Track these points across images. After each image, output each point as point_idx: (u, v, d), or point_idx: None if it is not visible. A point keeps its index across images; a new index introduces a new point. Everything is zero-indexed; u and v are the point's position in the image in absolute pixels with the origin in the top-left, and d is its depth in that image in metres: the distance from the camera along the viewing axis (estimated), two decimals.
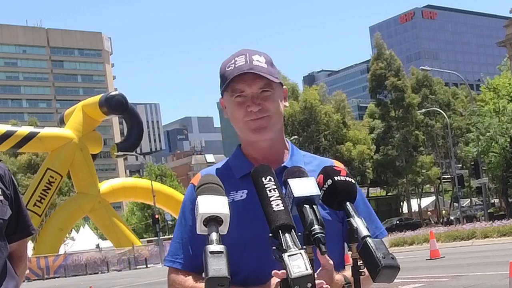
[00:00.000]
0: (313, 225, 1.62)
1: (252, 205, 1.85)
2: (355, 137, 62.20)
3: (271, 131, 1.95)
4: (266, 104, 1.92)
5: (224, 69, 1.96)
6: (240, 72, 1.89)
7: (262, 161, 1.94)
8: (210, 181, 1.70)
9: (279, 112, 1.97)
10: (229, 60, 1.97)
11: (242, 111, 1.93)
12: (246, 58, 1.93)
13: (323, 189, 1.77)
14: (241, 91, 1.92)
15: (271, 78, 1.91)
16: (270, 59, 1.99)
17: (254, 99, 1.91)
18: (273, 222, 1.62)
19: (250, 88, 1.91)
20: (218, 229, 1.57)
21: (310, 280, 1.48)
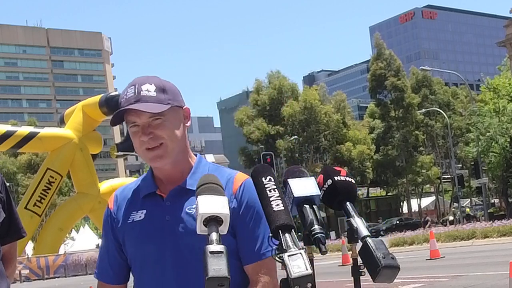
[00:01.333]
0: (313, 225, 1.62)
1: (148, 226, 1.99)
2: (355, 137, 62.22)
3: (169, 157, 1.98)
4: (157, 132, 1.95)
5: (120, 100, 2.01)
6: (127, 105, 1.93)
7: (166, 181, 2.04)
8: (210, 181, 1.70)
9: (175, 136, 1.98)
10: (124, 91, 2.01)
11: (137, 141, 1.97)
12: (135, 89, 1.96)
13: (323, 189, 1.77)
14: (133, 122, 1.96)
15: (154, 109, 1.92)
16: (161, 85, 1.99)
17: (144, 128, 1.95)
18: (273, 222, 1.62)
19: (140, 119, 1.94)
20: (218, 229, 1.57)
21: (310, 280, 1.48)
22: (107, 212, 2.14)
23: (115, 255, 2.10)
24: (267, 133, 59.12)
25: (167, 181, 2.04)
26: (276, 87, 61.27)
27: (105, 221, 2.15)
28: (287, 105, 59.38)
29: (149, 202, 2.03)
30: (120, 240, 2.07)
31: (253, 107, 62.12)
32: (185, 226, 1.96)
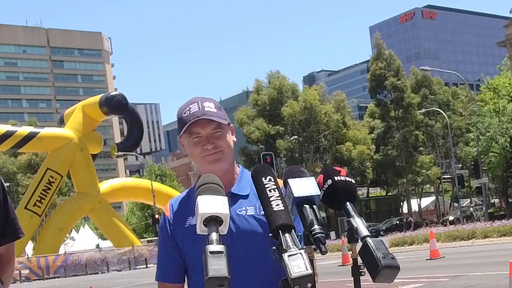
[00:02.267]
0: (313, 225, 1.62)
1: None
2: (355, 137, 62.20)
3: (225, 162, 2.32)
4: (218, 142, 2.31)
5: (181, 115, 2.35)
6: (195, 119, 2.28)
7: None
8: (210, 181, 1.71)
9: (230, 147, 2.36)
10: (184, 107, 2.35)
11: (199, 149, 2.31)
12: (198, 106, 2.31)
13: (323, 189, 1.77)
14: (197, 133, 2.30)
15: (220, 121, 2.31)
16: (218, 104, 2.38)
17: (208, 138, 2.30)
18: (273, 222, 1.62)
19: (204, 130, 2.30)
20: (218, 229, 1.57)
21: (310, 280, 1.48)
22: (163, 219, 2.46)
23: (176, 256, 2.35)
24: (267, 133, 59.10)
25: None
26: (276, 87, 61.25)
27: (163, 227, 2.45)
28: (287, 105, 59.36)
29: None
30: (178, 243, 2.35)
31: (253, 107, 62.10)
32: (238, 227, 2.20)
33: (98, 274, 38.39)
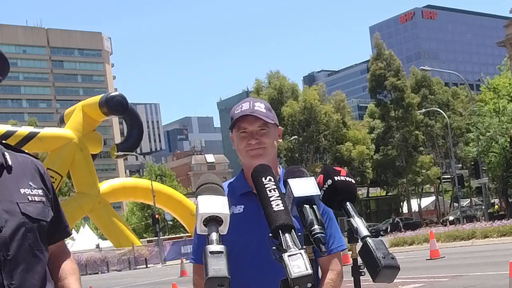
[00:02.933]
0: (313, 225, 1.62)
1: (247, 218, 2.43)
2: (355, 137, 62.18)
3: (266, 158, 2.46)
4: (262, 139, 2.49)
5: (233, 112, 2.56)
6: (243, 114, 2.49)
7: None
8: (210, 181, 1.70)
9: (273, 145, 2.55)
10: (237, 105, 2.58)
11: (244, 143, 2.49)
12: (250, 104, 2.53)
13: (323, 189, 1.77)
14: (244, 129, 2.50)
15: (267, 120, 2.50)
16: (268, 106, 2.58)
17: (253, 134, 2.49)
18: (273, 222, 1.62)
19: (251, 126, 2.49)
20: (218, 229, 1.57)
21: (310, 280, 1.47)
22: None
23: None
24: None
25: None
26: (276, 87, 61.23)
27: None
28: (287, 105, 59.34)
29: (246, 199, 2.48)
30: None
31: None
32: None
33: (98, 274, 38.38)
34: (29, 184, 2.20)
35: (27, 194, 2.17)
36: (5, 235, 2.05)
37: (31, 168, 2.27)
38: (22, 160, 2.27)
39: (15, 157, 2.24)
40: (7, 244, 2.04)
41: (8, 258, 2.03)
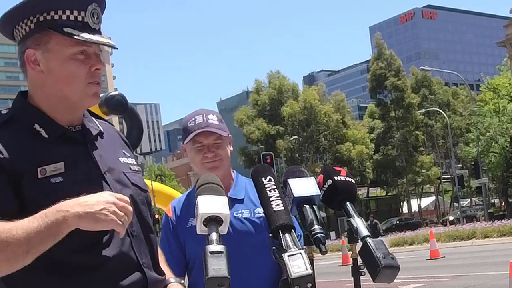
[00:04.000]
0: (313, 225, 1.62)
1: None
2: (355, 137, 62.19)
3: (222, 169, 2.63)
4: (218, 151, 2.63)
5: (187, 124, 2.66)
6: (200, 130, 2.59)
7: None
8: (210, 181, 1.71)
9: (227, 156, 2.69)
10: (190, 117, 2.68)
11: (200, 156, 2.61)
12: (203, 117, 2.65)
13: (323, 189, 1.77)
14: (200, 142, 2.61)
15: (221, 133, 2.63)
16: (220, 117, 2.74)
17: (209, 147, 2.61)
18: (273, 222, 1.62)
19: (206, 140, 2.61)
20: (218, 229, 1.57)
21: (310, 280, 1.48)
22: (166, 220, 2.71)
23: (178, 252, 2.62)
24: (267, 133, 59.09)
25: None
26: (276, 87, 61.23)
27: (165, 226, 2.72)
28: (287, 105, 59.34)
29: None
30: (181, 241, 2.62)
31: (253, 107, 62.09)
32: (235, 228, 2.48)
33: None
34: (123, 152, 2.04)
35: (128, 163, 2.00)
36: None
37: (117, 136, 2.11)
38: (107, 127, 2.07)
39: (100, 123, 2.05)
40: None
41: (134, 234, 1.86)
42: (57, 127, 1.86)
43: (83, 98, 1.85)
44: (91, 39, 1.81)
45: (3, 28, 1.90)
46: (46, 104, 1.86)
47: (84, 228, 1.65)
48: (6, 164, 1.74)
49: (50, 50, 1.81)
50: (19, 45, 1.87)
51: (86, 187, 1.74)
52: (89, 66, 1.83)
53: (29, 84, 1.89)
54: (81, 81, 1.82)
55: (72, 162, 1.82)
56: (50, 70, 1.82)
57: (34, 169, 1.77)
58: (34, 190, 1.75)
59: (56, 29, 1.79)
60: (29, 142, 1.81)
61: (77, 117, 1.91)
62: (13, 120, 1.85)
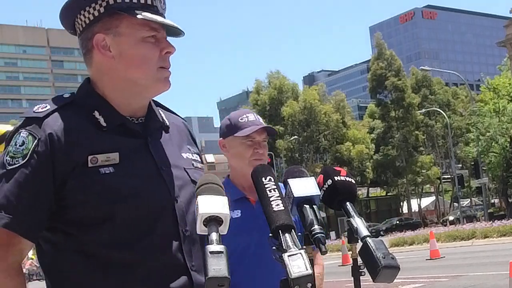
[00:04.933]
0: (313, 225, 1.62)
1: (244, 223, 2.62)
2: (355, 137, 62.21)
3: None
4: (265, 149, 2.80)
5: (237, 120, 2.79)
6: (258, 126, 2.75)
7: (250, 189, 2.63)
8: (210, 181, 1.70)
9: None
10: (241, 114, 2.83)
11: (251, 151, 2.73)
12: (255, 116, 2.82)
13: (323, 189, 1.77)
14: (253, 138, 2.75)
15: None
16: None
17: (260, 144, 2.77)
18: (273, 222, 1.62)
19: (259, 137, 2.77)
20: (218, 229, 1.57)
21: (310, 280, 1.48)
22: None
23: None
24: None
25: (250, 189, 2.50)
26: (276, 87, 61.26)
27: None
28: (287, 105, 59.38)
29: (241, 204, 2.70)
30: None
31: (253, 107, 62.10)
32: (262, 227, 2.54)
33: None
34: (188, 147, 1.96)
35: (190, 158, 1.93)
36: (182, 206, 1.80)
37: (185, 130, 2.02)
38: (176, 120, 1.99)
39: (168, 116, 1.97)
40: (184, 217, 1.79)
41: (186, 234, 1.78)
42: (117, 116, 1.80)
43: (154, 82, 1.79)
44: (163, 21, 1.78)
45: (66, 14, 1.84)
46: (112, 91, 1.80)
47: None
48: (57, 149, 1.69)
49: (121, 34, 1.77)
50: (83, 32, 1.81)
51: (138, 181, 1.70)
52: (160, 49, 1.79)
53: (94, 71, 1.83)
54: (153, 65, 1.77)
55: (127, 154, 1.76)
56: (121, 54, 1.77)
57: (85, 157, 1.71)
58: (80, 179, 1.69)
59: (127, 11, 1.75)
60: (85, 129, 1.75)
61: (142, 106, 1.86)
62: (73, 105, 1.79)
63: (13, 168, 1.68)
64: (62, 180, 1.69)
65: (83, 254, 1.69)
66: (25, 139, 1.70)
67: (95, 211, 1.69)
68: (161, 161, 1.81)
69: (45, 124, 1.71)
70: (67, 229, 1.71)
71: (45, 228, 1.71)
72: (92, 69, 1.83)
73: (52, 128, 1.71)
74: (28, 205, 1.66)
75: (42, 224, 1.70)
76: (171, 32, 1.83)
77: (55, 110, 1.75)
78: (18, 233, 1.66)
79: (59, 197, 1.69)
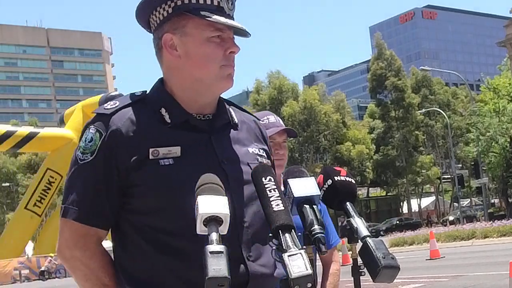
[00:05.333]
0: (313, 225, 1.62)
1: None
2: (355, 137, 62.22)
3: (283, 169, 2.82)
4: (285, 151, 2.91)
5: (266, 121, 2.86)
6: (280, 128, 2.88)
7: None
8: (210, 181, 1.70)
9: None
10: (261, 116, 2.85)
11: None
12: (275, 118, 2.93)
13: (323, 189, 1.77)
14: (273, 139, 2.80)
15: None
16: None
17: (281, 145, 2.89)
18: (273, 222, 1.62)
19: (280, 138, 2.88)
20: (218, 229, 1.57)
21: (310, 280, 1.48)
22: None
23: None
24: None
25: None
26: (276, 87, 61.28)
27: None
28: (287, 105, 59.39)
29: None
30: None
31: (253, 107, 62.09)
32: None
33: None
34: (255, 144, 2.02)
35: (256, 153, 1.98)
36: (241, 199, 1.86)
37: (257, 129, 2.08)
38: (247, 118, 2.07)
39: (240, 114, 2.05)
40: (242, 209, 1.84)
41: (245, 226, 1.83)
42: (182, 113, 1.88)
43: (217, 80, 1.86)
44: (227, 22, 1.83)
45: (140, 14, 1.96)
46: (179, 88, 1.89)
47: None
48: (121, 144, 1.80)
49: (187, 34, 1.84)
50: (155, 32, 1.91)
51: (197, 173, 1.71)
52: (225, 49, 1.85)
53: (164, 69, 1.93)
54: (216, 63, 1.84)
55: (189, 148, 1.84)
56: (187, 54, 1.85)
57: (147, 150, 1.81)
58: (141, 171, 1.79)
59: (194, 12, 1.82)
60: (150, 125, 1.85)
61: (209, 103, 1.92)
62: (143, 102, 1.89)
63: (84, 163, 1.83)
64: (125, 173, 1.81)
65: (144, 241, 1.80)
66: (93, 135, 1.85)
67: (154, 201, 1.79)
68: (223, 156, 1.88)
69: (112, 121, 1.84)
70: (130, 218, 1.84)
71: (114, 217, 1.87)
72: (162, 68, 1.93)
73: (117, 124, 1.83)
74: (97, 198, 1.82)
75: (111, 215, 1.85)
76: (239, 33, 1.90)
77: (124, 107, 1.87)
78: (90, 224, 1.83)
79: (123, 188, 1.82)
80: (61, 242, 1.85)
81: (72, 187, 1.85)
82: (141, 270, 1.82)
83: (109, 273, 1.87)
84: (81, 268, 1.85)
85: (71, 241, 1.83)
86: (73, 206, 1.83)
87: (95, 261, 1.86)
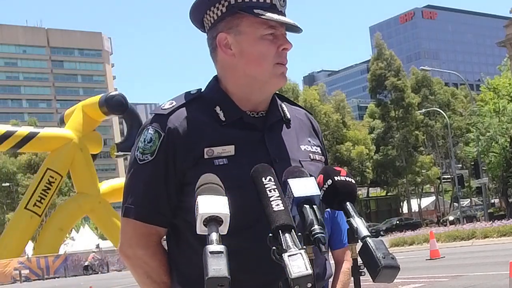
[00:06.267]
0: (313, 225, 1.62)
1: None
2: (355, 137, 62.24)
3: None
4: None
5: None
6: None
7: None
8: (210, 181, 1.70)
9: None
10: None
11: None
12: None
13: (323, 189, 1.77)
14: None
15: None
16: None
17: None
18: (273, 222, 1.62)
19: None
20: (218, 229, 1.57)
21: (310, 280, 1.47)
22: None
23: None
24: None
25: None
26: None
27: None
28: None
29: None
30: None
31: None
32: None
33: (98, 274, 38.43)
34: (308, 140, 2.03)
35: (308, 151, 1.99)
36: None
37: (308, 123, 2.09)
38: (298, 113, 2.08)
39: (291, 109, 2.05)
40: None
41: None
42: (236, 111, 1.90)
43: (271, 78, 1.87)
44: (280, 19, 1.84)
45: (194, 14, 1.96)
46: (233, 87, 1.91)
47: None
48: (178, 144, 1.85)
49: (241, 32, 1.86)
50: (209, 31, 1.93)
51: (249, 173, 1.72)
52: (278, 46, 1.87)
53: (218, 68, 1.95)
54: (270, 61, 1.85)
55: (243, 146, 1.86)
56: (241, 52, 1.86)
57: (202, 149, 1.84)
58: (196, 170, 1.80)
59: (247, 11, 1.83)
60: (205, 123, 1.87)
61: (262, 101, 1.94)
62: (198, 100, 1.92)
63: (144, 163, 1.87)
64: (182, 172, 1.86)
65: (197, 240, 1.77)
66: (152, 135, 1.88)
67: None
68: (275, 154, 1.89)
69: (169, 121, 1.87)
70: (185, 216, 1.87)
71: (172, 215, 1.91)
72: (217, 66, 1.96)
73: (174, 124, 1.87)
74: (157, 197, 1.87)
75: (170, 213, 1.90)
76: (290, 29, 1.91)
77: (180, 106, 1.90)
78: (151, 223, 1.88)
79: (180, 187, 1.87)
80: (123, 241, 1.89)
81: (133, 187, 1.89)
82: (193, 268, 1.81)
83: (167, 270, 1.92)
84: (142, 266, 1.89)
85: (133, 240, 1.88)
86: (135, 206, 1.87)
87: (156, 259, 1.90)
